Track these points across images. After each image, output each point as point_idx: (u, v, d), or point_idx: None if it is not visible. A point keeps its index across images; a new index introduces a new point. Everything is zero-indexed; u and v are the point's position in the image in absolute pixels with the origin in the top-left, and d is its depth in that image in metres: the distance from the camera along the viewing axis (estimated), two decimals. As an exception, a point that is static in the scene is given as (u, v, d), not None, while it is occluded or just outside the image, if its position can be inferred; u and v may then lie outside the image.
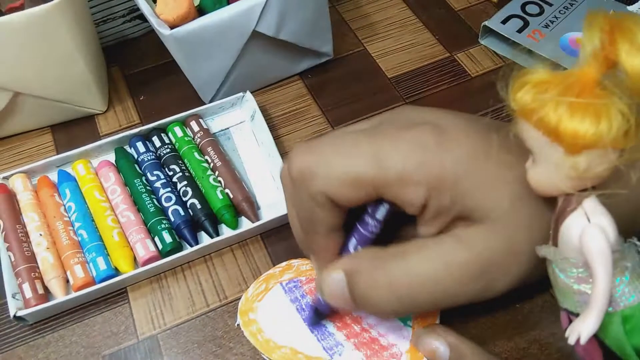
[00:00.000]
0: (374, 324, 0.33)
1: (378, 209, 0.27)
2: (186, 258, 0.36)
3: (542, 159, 0.22)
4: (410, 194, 0.26)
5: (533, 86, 0.21)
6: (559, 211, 0.22)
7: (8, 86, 0.39)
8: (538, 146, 0.21)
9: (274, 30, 0.40)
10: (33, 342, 0.34)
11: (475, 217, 0.26)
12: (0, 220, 0.36)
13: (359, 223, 0.28)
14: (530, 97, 0.21)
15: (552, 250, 0.23)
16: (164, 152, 0.40)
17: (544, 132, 0.20)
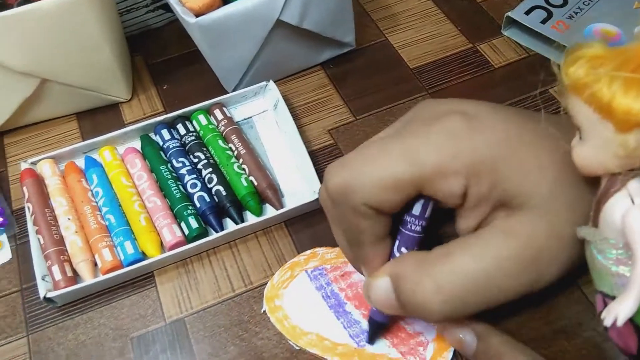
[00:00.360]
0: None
1: (414, 206, 0.27)
2: (212, 244, 0.36)
3: (590, 136, 0.22)
4: (449, 184, 0.26)
5: (587, 60, 0.20)
6: (602, 192, 0.22)
7: (35, 73, 0.39)
8: (587, 123, 0.21)
9: (297, 20, 0.40)
10: (62, 323, 0.35)
11: (515, 203, 0.26)
12: (29, 204, 0.37)
13: (400, 224, 0.28)
14: (583, 72, 0.20)
15: (592, 231, 0.23)
16: (188, 139, 0.40)
17: (595, 108, 0.20)
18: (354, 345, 0.32)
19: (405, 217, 0.28)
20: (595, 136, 0.22)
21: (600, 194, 0.22)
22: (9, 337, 0.34)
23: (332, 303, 0.33)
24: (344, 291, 0.34)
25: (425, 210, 0.27)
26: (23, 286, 0.36)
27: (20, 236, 0.39)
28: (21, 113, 0.42)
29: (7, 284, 0.37)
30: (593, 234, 0.23)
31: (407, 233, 0.28)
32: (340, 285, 0.34)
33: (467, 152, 0.25)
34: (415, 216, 0.28)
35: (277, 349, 0.32)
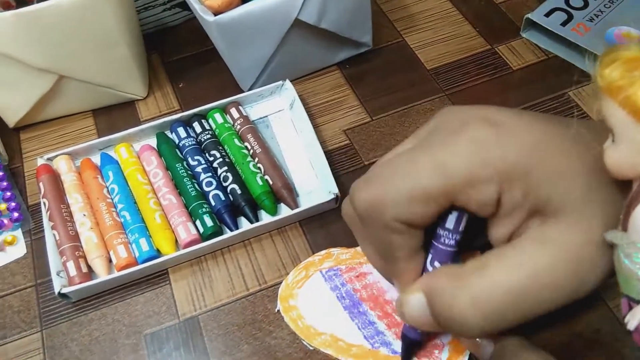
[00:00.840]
0: None
1: (447, 219, 0.27)
2: (226, 242, 0.36)
3: (623, 139, 0.21)
4: (481, 193, 0.25)
5: (623, 63, 0.20)
6: (633, 195, 0.22)
7: (53, 69, 0.40)
8: (621, 125, 0.21)
9: (315, 19, 0.40)
10: (76, 319, 0.35)
11: (549, 210, 0.25)
12: (45, 199, 0.37)
13: (433, 238, 0.27)
14: (619, 74, 0.20)
15: (619, 234, 0.22)
16: (204, 137, 0.40)
17: (629, 110, 0.20)
18: (368, 347, 0.32)
19: (438, 230, 0.27)
20: (628, 139, 0.21)
21: (630, 197, 0.22)
22: (23, 332, 0.34)
23: (347, 304, 0.33)
24: (358, 292, 0.34)
25: (459, 223, 0.27)
26: (37, 281, 0.37)
27: (35, 232, 0.39)
28: (38, 109, 0.43)
29: (21, 279, 0.37)
30: (621, 237, 0.23)
31: (440, 247, 0.27)
32: (355, 286, 0.34)
33: (497, 160, 0.25)
34: (449, 229, 0.27)
35: (291, 348, 0.32)
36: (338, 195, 0.37)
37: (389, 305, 0.33)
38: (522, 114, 0.27)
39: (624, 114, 0.20)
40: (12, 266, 0.37)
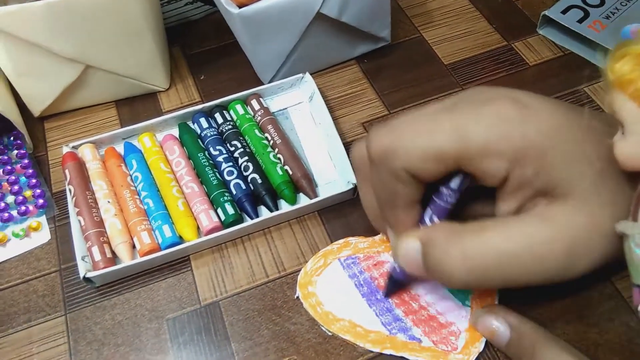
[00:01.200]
0: (432, 302, 0.33)
1: (453, 179, 0.28)
2: (246, 230, 0.37)
3: (633, 132, 0.22)
4: (492, 165, 0.26)
5: (634, 57, 0.21)
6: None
7: (81, 59, 0.41)
8: (631, 118, 0.22)
9: (336, 13, 0.41)
10: (100, 303, 0.35)
11: (558, 192, 0.26)
12: (70, 186, 0.38)
13: (435, 194, 0.29)
14: (629, 68, 0.21)
15: (630, 224, 0.23)
16: (225, 128, 0.41)
17: (639, 103, 0.21)
18: (386, 333, 0.32)
19: (442, 188, 0.28)
20: (638, 131, 0.22)
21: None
22: (47, 316, 0.35)
23: (365, 291, 0.34)
24: (376, 280, 0.34)
25: (462, 185, 0.28)
26: (62, 267, 0.37)
27: (59, 218, 0.40)
28: (63, 98, 0.44)
29: (46, 264, 0.38)
30: (632, 227, 0.23)
31: (441, 204, 0.29)
32: (373, 274, 0.34)
33: (517, 137, 0.26)
34: (453, 189, 0.28)
35: (310, 334, 0.33)
36: (356, 186, 0.37)
37: (406, 293, 0.33)
38: (546, 99, 0.28)
39: (634, 106, 0.21)
40: (37, 251, 0.38)
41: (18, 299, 0.36)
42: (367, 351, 0.32)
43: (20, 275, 0.37)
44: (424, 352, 0.31)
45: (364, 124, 0.43)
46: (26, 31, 0.38)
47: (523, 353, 0.29)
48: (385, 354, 0.32)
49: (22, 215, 0.39)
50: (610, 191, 0.26)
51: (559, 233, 0.26)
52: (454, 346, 0.31)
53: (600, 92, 0.42)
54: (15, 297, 0.36)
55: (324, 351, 0.32)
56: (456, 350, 0.31)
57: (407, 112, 0.31)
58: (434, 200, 0.29)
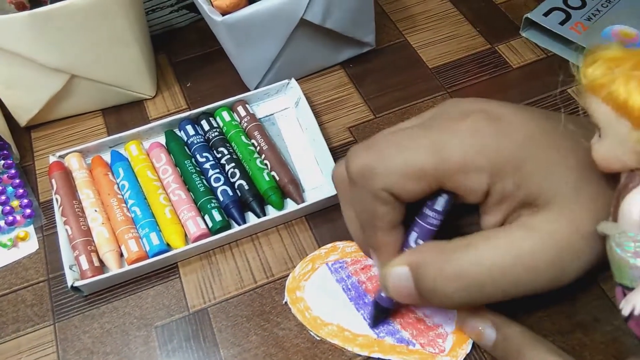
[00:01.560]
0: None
1: (437, 201, 0.28)
2: (234, 236, 0.37)
3: (608, 134, 0.22)
4: (472, 181, 0.26)
5: (604, 61, 0.21)
6: (621, 187, 0.23)
7: (66, 69, 0.41)
8: (605, 121, 0.22)
9: (320, 19, 0.41)
10: (88, 312, 0.35)
11: (540, 202, 0.26)
12: (57, 195, 0.38)
13: (419, 217, 0.29)
14: (601, 72, 0.21)
15: (610, 225, 0.23)
16: (212, 135, 0.41)
17: (612, 106, 0.21)
18: (374, 337, 0.32)
19: (425, 210, 0.28)
20: (613, 134, 0.22)
21: (619, 189, 0.23)
22: (36, 325, 0.35)
23: (353, 295, 0.34)
24: (364, 284, 0.34)
25: (447, 205, 0.28)
26: (50, 276, 0.37)
27: (47, 227, 0.40)
28: (49, 108, 0.44)
29: (34, 273, 0.38)
30: (612, 228, 0.24)
31: (425, 226, 0.28)
32: (361, 278, 0.35)
33: (492, 151, 0.26)
34: (438, 211, 0.28)
35: (298, 339, 0.33)
36: (343, 190, 0.37)
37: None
38: (520, 109, 0.28)
39: (607, 109, 0.22)
40: (25, 261, 0.38)
41: (6, 308, 0.36)
42: (355, 355, 0.32)
43: (9, 285, 0.37)
44: (412, 354, 0.31)
45: (350, 129, 0.43)
46: (9, 42, 0.38)
47: (509, 354, 0.29)
48: (374, 358, 0.32)
49: (9, 226, 0.39)
50: (591, 194, 0.26)
51: (544, 242, 0.26)
52: (441, 348, 0.31)
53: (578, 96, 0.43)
54: (4, 307, 0.36)
55: (312, 356, 0.32)
56: (444, 352, 0.31)
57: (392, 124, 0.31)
58: (418, 222, 0.29)
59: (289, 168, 0.39)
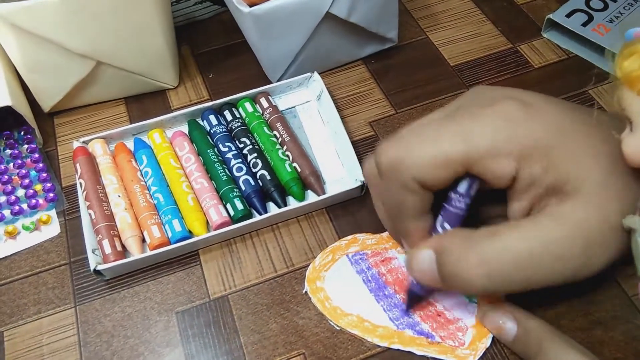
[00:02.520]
0: (439, 298, 0.33)
1: (460, 184, 0.28)
2: (255, 225, 0.37)
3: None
4: (500, 166, 0.26)
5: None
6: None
7: (92, 55, 0.41)
8: (639, 115, 0.22)
9: (345, 13, 0.41)
10: (109, 296, 0.36)
11: (568, 189, 0.26)
12: (81, 180, 0.38)
13: (444, 201, 0.29)
14: (637, 65, 0.21)
15: (637, 219, 0.24)
16: (234, 125, 0.41)
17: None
18: (393, 328, 0.32)
19: (450, 194, 0.29)
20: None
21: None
22: (57, 307, 0.36)
23: (373, 287, 0.34)
24: (384, 276, 0.35)
25: (470, 188, 0.28)
26: (71, 259, 0.38)
27: (69, 212, 0.40)
28: (73, 94, 0.44)
29: (55, 256, 0.38)
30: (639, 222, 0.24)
31: (450, 210, 0.29)
32: (381, 270, 0.35)
33: (522, 136, 0.26)
34: (461, 194, 0.28)
35: (318, 328, 0.33)
36: (364, 183, 0.38)
37: None
38: (551, 99, 0.29)
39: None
40: (47, 244, 0.39)
41: (28, 290, 0.36)
42: (374, 346, 0.32)
43: (30, 268, 0.37)
44: (432, 347, 0.32)
45: (371, 123, 0.43)
46: (40, 27, 0.38)
47: (529, 349, 0.30)
48: (393, 349, 0.32)
49: (32, 209, 0.39)
50: (618, 187, 0.26)
51: (573, 231, 0.26)
52: (461, 342, 0.32)
53: (605, 95, 0.43)
54: (25, 289, 0.36)
55: (332, 345, 0.33)
56: (463, 345, 0.31)
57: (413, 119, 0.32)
58: (444, 207, 0.29)
59: (310, 160, 0.40)
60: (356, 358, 0.32)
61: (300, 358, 0.32)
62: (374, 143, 0.42)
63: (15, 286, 0.37)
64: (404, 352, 0.32)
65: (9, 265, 0.38)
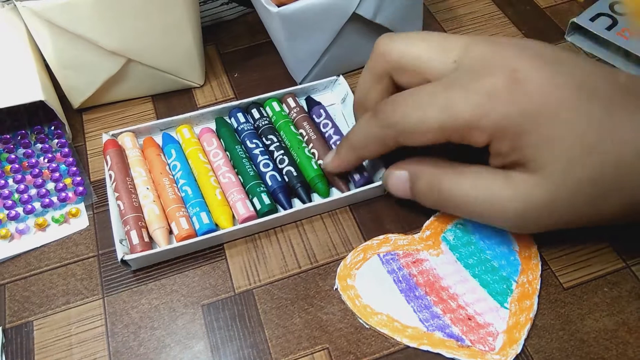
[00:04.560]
0: (470, 303, 0.33)
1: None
2: (280, 221, 0.38)
3: None
4: (474, 138, 0.30)
5: None
6: None
7: (123, 52, 0.42)
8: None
9: (372, 14, 0.42)
10: (136, 288, 0.36)
11: (530, 167, 0.29)
12: (111, 171, 0.39)
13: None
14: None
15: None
16: (261, 123, 0.42)
17: None
18: (423, 329, 0.32)
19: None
20: None
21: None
22: (85, 298, 0.36)
23: (404, 287, 0.34)
24: (415, 277, 0.35)
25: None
26: (99, 252, 0.38)
27: (97, 205, 0.41)
28: (102, 91, 0.45)
29: (84, 249, 0.39)
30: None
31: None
32: (412, 271, 0.35)
33: (499, 116, 0.28)
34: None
35: (342, 323, 0.34)
36: (389, 182, 0.38)
37: (445, 291, 0.34)
38: (562, 67, 0.29)
39: None
40: (75, 237, 0.39)
41: (57, 281, 0.37)
42: (398, 343, 0.32)
43: (59, 259, 0.38)
44: (461, 350, 0.31)
45: (394, 124, 0.44)
46: (73, 23, 0.39)
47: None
48: (422, 350, 0.32)
49: (61, 202, 0.40)
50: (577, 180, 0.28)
51: (516, 198, 0.29)
52: (491, 347, 0.31)
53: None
54: (54, 280, 0.37)
55: (355, 341, 0.33)
56: (494, 350, 0.31)
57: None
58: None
59: (335, 158, 0.40)
60: (380, 354, 0.32)
61: (324, 353, 0.33)
62: (398, 143, 0.43)
63: (44, 277, 0.37)
64: (432, 353, 0.32)
65: (39, 256, 0.38)
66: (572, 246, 0.36)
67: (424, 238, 0.36)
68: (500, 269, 0.35)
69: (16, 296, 0.36)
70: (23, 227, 0.39)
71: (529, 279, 0.34)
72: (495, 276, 0.34)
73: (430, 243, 0.36)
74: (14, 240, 0.39)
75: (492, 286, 0.34)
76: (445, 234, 0.37)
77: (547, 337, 0.32)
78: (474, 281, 0.34)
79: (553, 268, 0.35)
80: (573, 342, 0.32)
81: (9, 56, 0.43)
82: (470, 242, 0.36)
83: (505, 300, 0.33)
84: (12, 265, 0.38)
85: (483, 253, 0.35)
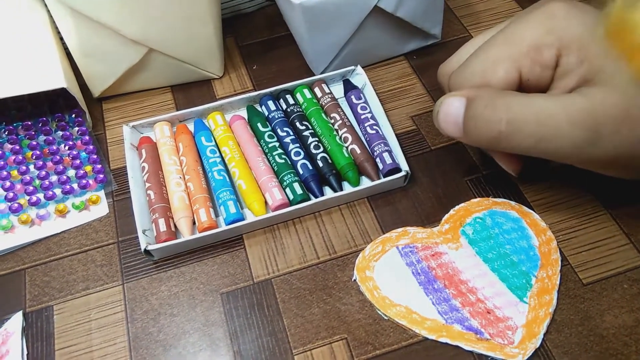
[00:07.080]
0: (489, 296, 0.33)
1: None
2: (298, 212, 0.38)
3: None
4: (543, 56, 0.30)
5: None
6: None
7: (145, 42, 0.42)
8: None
9: (393, 7, 0.42)
10: (156, 275, 0.37)
11: (598, 79, 0.29)
12: (145, 163, 0.40)
13: None
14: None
15: None
16: (292, 111, 0.42)
17: None
18: (442, 322, 0.33)
19: None
20: None
21: None
22: (105, 284, 0.37)
23: (422, 280, 0.34)
24: (433, 270, 0.35)
25: None
26: (119, 239, 0.39)
27: (117, 193, 0.41)
28: (123, 80, 0.45)
29: (104, 235, 0.39)
30: None
31: None
32: (431, 264, 0.35)
33: (561, 30, 0.30)
34: None
35: (360, 314, 0.34)
36: (408, 173, 0.38)
37: (464, 285, 0.34)
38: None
39: None
40: (95, 224, 0.40)
41: (77, 267, 0.37)
42: (416, 334, 0.33)
43: (79, 245, 0.39)
44: (480, 343, 0.32)
45: (412, 117, 0.44)
46: (97, 11, 0.39)
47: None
48: (440, 342, 0.32)
49: (82, 189, 0.41)
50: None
51: (591, 104, 0.28)
52: (510, 340, 0.32)
53: None
54: (74, 266, 0.37)
55: (374, 332, 0.33)
56: (513, 344, 0.31)
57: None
58: None
59: (365, 146, 0.40)
60: (398, 345, 0.32)
61: (342, 343, 0.33)
62: (416, 137, 0.43)
63: (64, 262, 0.38)
64: (451, 345, 0.32)
65: (59, 242, 0.39)
66: (592, 242, 0.36)
67: (442, 232, 0.37)
68: (519, 263, 0.35)
69: (36, 281, 0.37)
70: (44, 213, 0.40)
71: (548, 274, 0.34)
72: (514, 270, 0.34)
73: (449, 237, 0.36)
74: (35, 226, 0.39)
75: (512, 280, 0.34)
76: (465, 228, 0.37)
77: (566, 332, 0.32)
78: (493, 275, 0.34)
79: (572, 264, 0.35)
80: (592, 337, 0.32)
81: (31, 43, 0.43)
82: (490, 236, 0.36)
83: (525, 294, 0.33)
84: (32, 250, 0.38)
85: (502, 247, 0.35)
